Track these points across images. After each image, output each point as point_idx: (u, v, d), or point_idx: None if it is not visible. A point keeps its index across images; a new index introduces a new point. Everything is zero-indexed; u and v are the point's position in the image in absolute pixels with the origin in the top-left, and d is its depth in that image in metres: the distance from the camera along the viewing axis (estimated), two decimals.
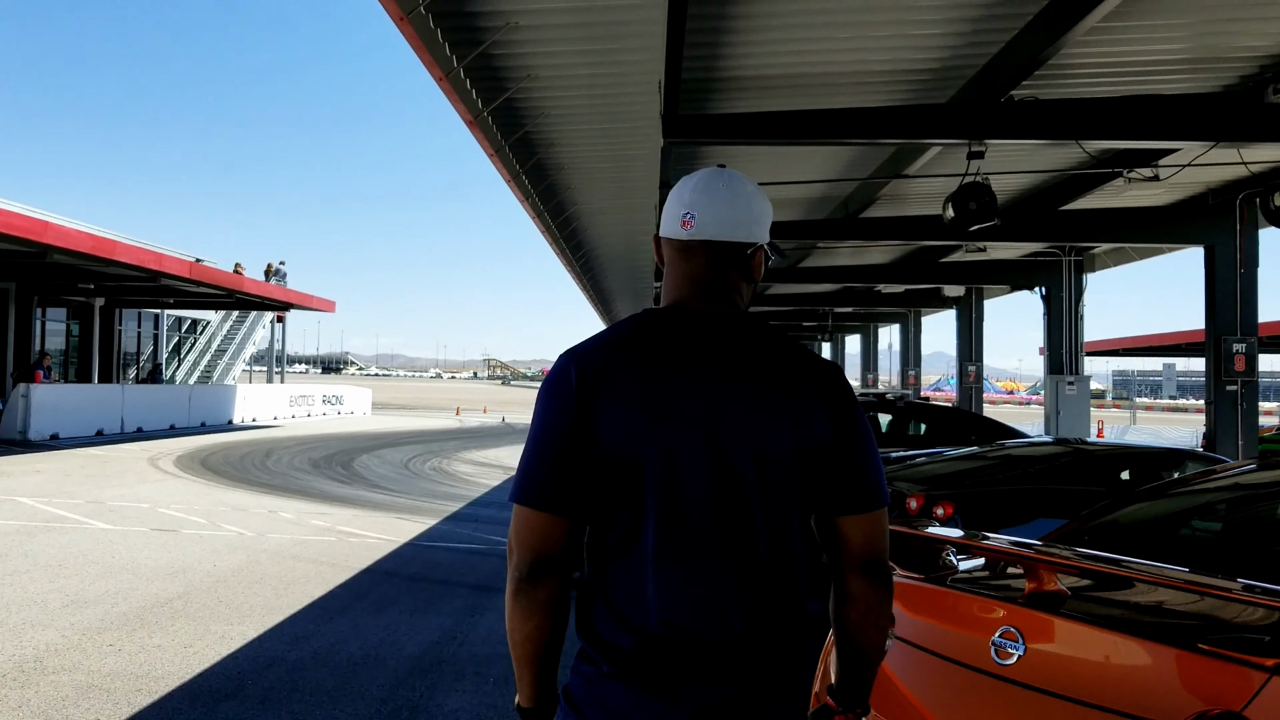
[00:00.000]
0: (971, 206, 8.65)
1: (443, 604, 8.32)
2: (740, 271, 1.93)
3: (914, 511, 7.09)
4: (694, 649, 1.73)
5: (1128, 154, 11.16)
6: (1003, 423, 14.44)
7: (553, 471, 1.78)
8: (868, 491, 1.82)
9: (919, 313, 29.52)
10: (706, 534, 1.75)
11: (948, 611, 2.91)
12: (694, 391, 1.78)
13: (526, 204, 13.44)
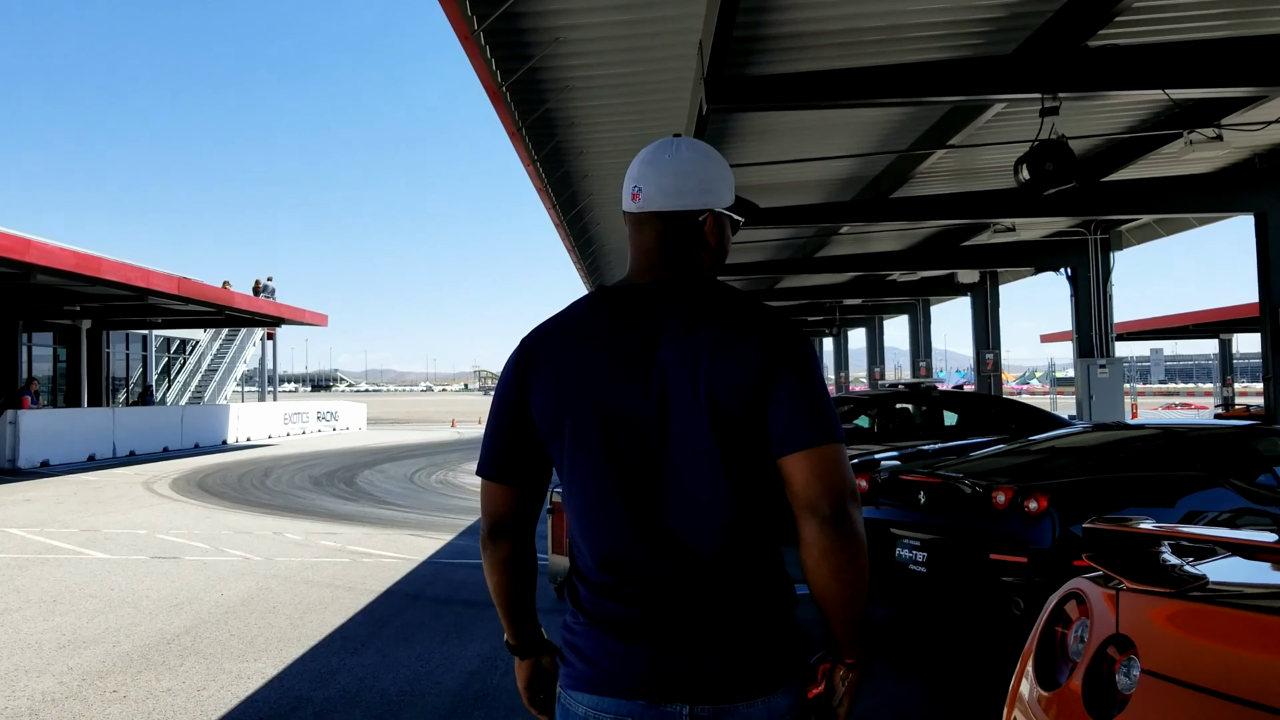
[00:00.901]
0: (1048, 167, 7.95)
1: (476, 628, 7.59)
2: (693, 240, 1.95)
3: (1002, 506, 6.39)
4: (635, 594, 1.82)
5: (1190, 113, 10.51)
6: (1044, 410, 13.76)
7: (498, 446, 1.95)
8: (803, 428, 1.77)
9: (928, 302, 28.90)
10: (624, 487, 1.82)
11: (1231, 637, 2.18)
12: (618, 354, 1.84)
13: (542, 192, 12.73)
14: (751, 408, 1.79)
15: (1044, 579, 6.14)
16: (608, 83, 9.81)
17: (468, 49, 8.27)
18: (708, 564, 1.81)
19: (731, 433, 1.79)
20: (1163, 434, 7.61)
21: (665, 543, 1.81)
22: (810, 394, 1.81)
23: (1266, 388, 12.68)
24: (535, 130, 10.54)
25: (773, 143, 11.72)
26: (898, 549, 7.00)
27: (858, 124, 11.29)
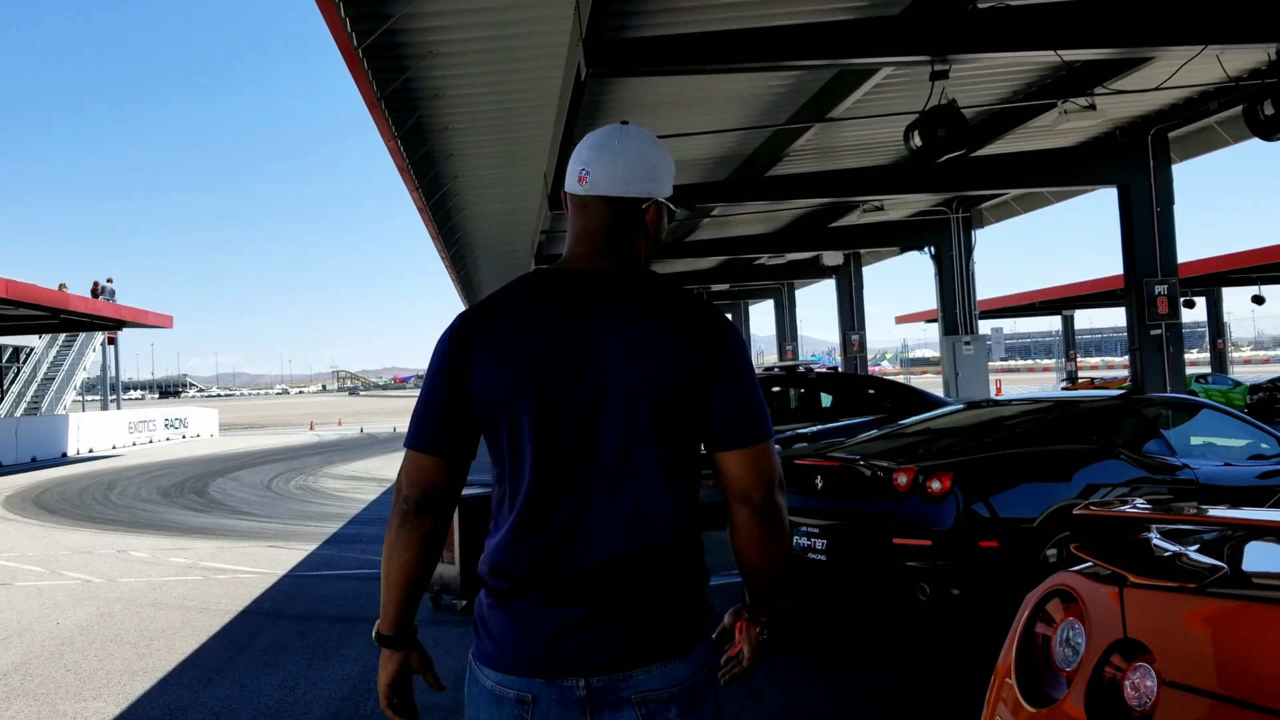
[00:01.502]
0: (940, 134, 7.74)
1: (344, 646, 6.96)
2: (635, 227, 1.99)
3: (904, 488, 6.12)
4: (550, 580, 1.86)
5: (1064, 83, 10.51)
6: (917, 388, 13.77)
7: (433, 418, 1.94)
8: (742, 428, 1.87)
9: (793, 286, 29.04)
10: (558, 473, 1.87)
11: (1272, 638, 1.82)
12: (557, 338, 1.87)
13: (404, 173, 11.99)
14: (689, 402, 1.86)
15: (949, 562, 5.90)
16: (475, 48, 9.20)
17: (325, 11, 7.57)
18: (642, 552, 1.86)
19: (667, 425, 1.86)
20: (1053, 407, 7.50)
21: (606, 530, 1.86)
22: (747, 393, 1.88)
23: (1133, 358, 12.94)
24: (396, 101, 9.81)
25: (649, 118, 11.28)
26: (795, 537, 6.67)
27: (736, 97, 10.95)
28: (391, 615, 1.97)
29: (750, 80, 10.33)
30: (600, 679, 1.84)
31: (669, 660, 1.86)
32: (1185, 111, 12.34)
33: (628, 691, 1.85)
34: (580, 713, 1.86)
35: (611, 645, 1.84)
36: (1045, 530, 6.03)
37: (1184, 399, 7.71)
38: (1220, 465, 6.96)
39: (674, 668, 1.87)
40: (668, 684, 1.86)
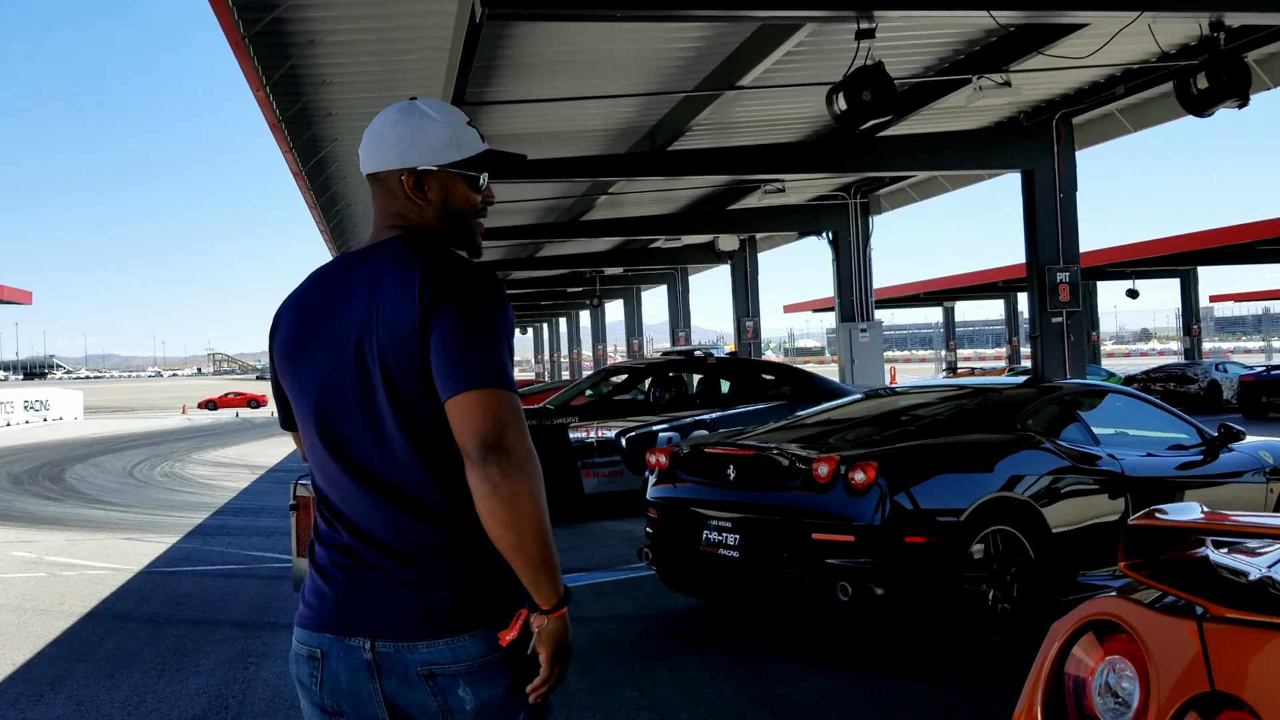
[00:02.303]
0: (865, 97, 7.28)
1: (201, 655, 6.22)
2: (401, 197, 2.02)
3: (825, 479, 5.66)
4: (332, 543, 1.94)
5: (981, 58, 10.21)
6: (816, 374, 13.48)
7: (280, 405, 2.10)
8: (454, 374, 1.82)
9: (687, 271, 28.69)
10: (323, 436, 1.95)
11: None
12: (329, 318, 1.96)
13: (278, 131, 11.04)
14: (416, 359, 1.85)
15: (873, 559, 5.45)
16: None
17: None
18: (410, 515, 1.88)
19: (404, 386, 1.87)
20: (973, 394, 7.15)
21: (370, 494, 1.90)
22: (464, 338, 1.83)
23: (1034, 346, 12.84)
24: (266, 44, 8.90)
25: (545, 79, 10.60)
26: (705, 531, 6.16)
27: (640, 60, 10.33)
28: None
29: (656, 41, 9.76)
30: (385, 644, 1.85)
31: (458, 635, 1.85)
32: (1091, 96, 12.25)
33: (414, 663, 1.84)
34: (369, 676, 1.87)
35: (400, 613, 1.85)
36: (973, 524, 5.63)
37: (1104, 386, 7.46)
38: (1144, 455, 6.70)
39: (463, 644, 1.85)
40: (454, 659, 1.85)
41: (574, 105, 11.17)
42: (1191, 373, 29.90)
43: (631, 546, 9.50)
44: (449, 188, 2.02)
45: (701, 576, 6.38)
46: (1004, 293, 45.01)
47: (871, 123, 7.42)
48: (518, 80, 10.72)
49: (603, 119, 12.64)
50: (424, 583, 1.85)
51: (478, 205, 2.07)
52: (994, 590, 5.70)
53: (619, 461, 11.42)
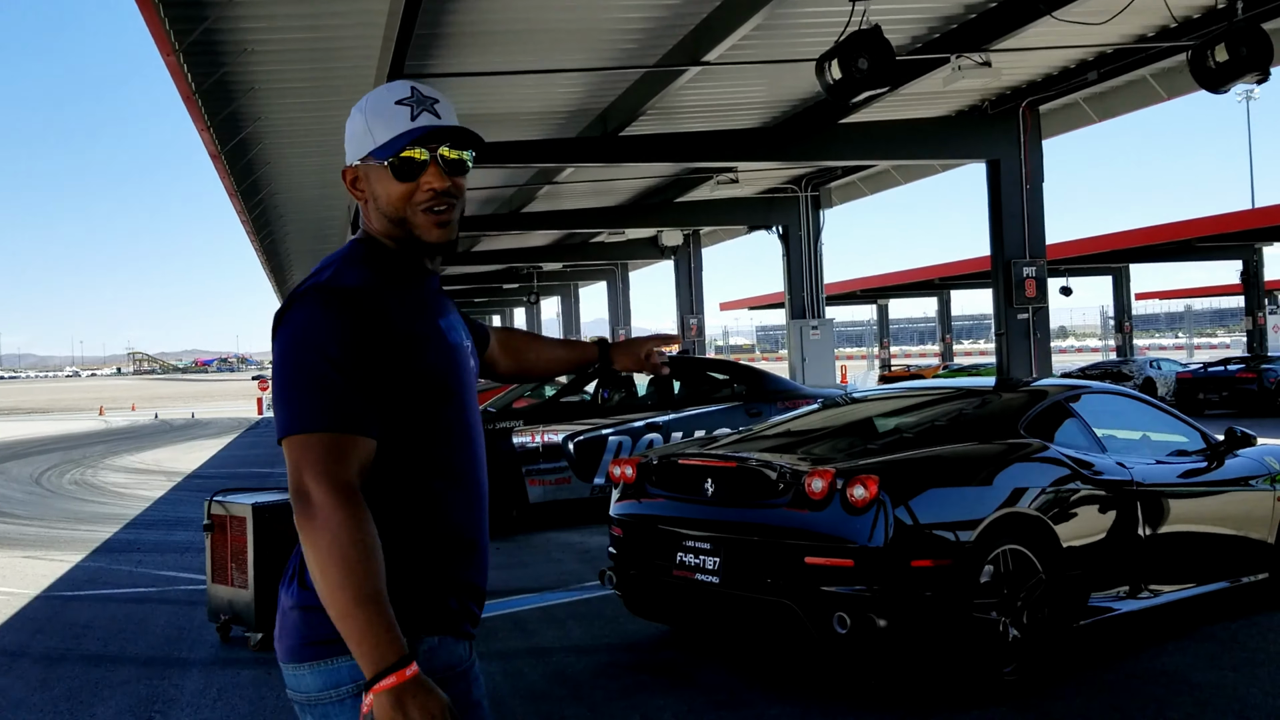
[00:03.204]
0: (861, 65, 6.61)
1: (100, 703, 5.38)
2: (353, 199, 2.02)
3: (820, 495, 5.00)
4: None
5: (960, 36, 9.62)
6: (769, 372, 12.86)
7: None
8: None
9: (627, 267, 28.00)
10: None
11: None
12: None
13: (192, 104, 10.01)
14: None
15: (875, 586, 4.81)
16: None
17: None
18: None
19: None
20: (970, 397, 6.55)
21: None
22: (275, 387, 1.83)
23: (999, 343, 12.37)
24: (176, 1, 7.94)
25: (491, 50, 9.74)
26: (679, 553, 5.46)
27: (595, 31, 9.56)
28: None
29: (613, 9, 9.00)
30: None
31: (297, 664, 1.84)
32: (1060, 82, 11.79)
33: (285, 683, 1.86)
34: None
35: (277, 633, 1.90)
36: (984, 544, 5.01)
37: (1104, 387, 6.90)
38: (1153, 462, 6.16)
39: (302, 674, 1.84)
40: (295, 687, 1.84)
41: (523, 84, 10.39)
42: (1127, 370, 29.98)
43: (584, 561, 8.80)
44: (371, 184, 1.93)
45: (675, 604, 5.69)
46: (939, 290, 45.04)
47: (866, 94, 6.79)
48: (465, 52, 9.85)
49: (553, 99, 11.85)
50: (282, 606, 1.88)
51: (411, 198, 1.88)
52: (1005, 617, 5.09)
53: (566, 468, 10.69)
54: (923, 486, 5.07)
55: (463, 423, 1.97)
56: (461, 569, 1.93)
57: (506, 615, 6.97)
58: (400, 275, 1.94)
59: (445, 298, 2.10)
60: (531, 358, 2.58)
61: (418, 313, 1.92)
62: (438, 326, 1.95)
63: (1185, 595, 6.06)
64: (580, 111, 12.41)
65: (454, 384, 1.94)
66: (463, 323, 2.14)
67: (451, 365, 1.95)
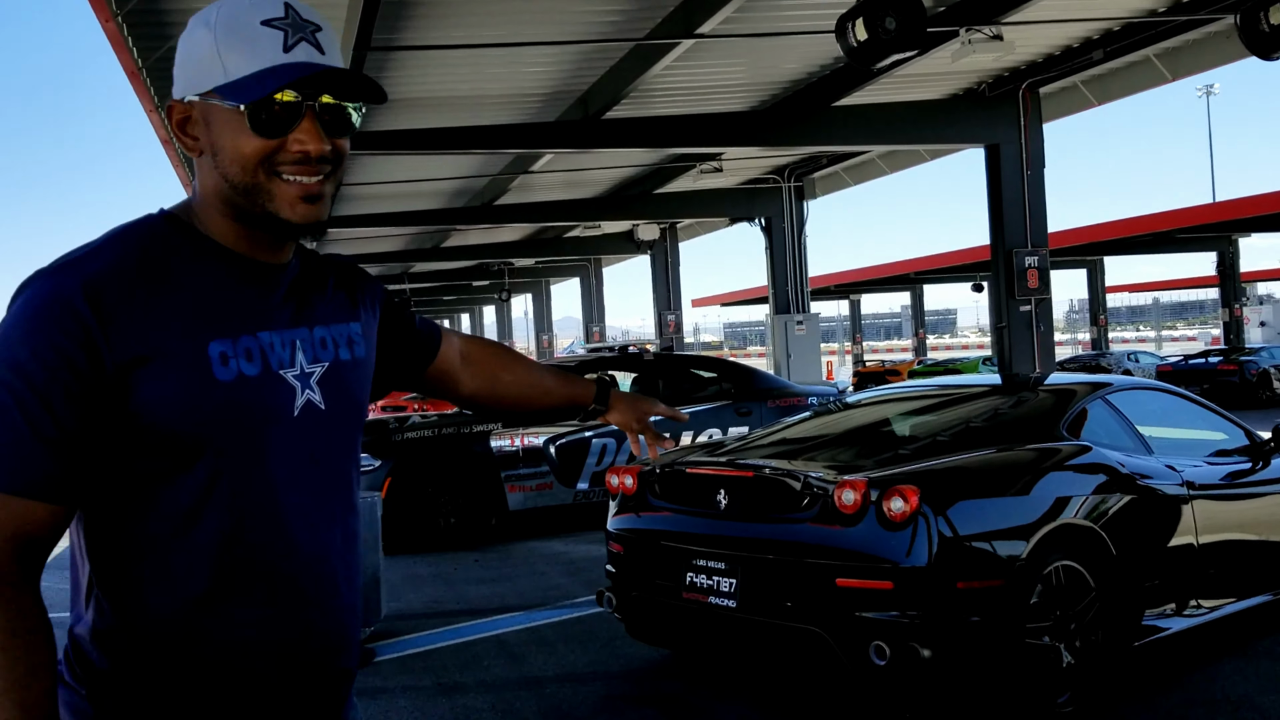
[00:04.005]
0: (889, 25, 6.03)
1: None
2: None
3: (852, 508, 4.43)
4: None
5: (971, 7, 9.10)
6: (755, 368, 12.33)
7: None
8: None
9: (600, 262, 27.38)
10: None
11: None
12: None
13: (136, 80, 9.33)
14: None
15: (918, 611, 4.23)
16: None
17: None
18: None
19: None
20: (990, 395, 6.01)
21: None
22: None
23: (999, 336, 11.86)
24: None
25: (455, 21, 9.06)
26: (689, 573, 4.86)
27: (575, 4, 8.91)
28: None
29: None
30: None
31: None
32: (1062, 63, 11.29)
33: None
34: None
35: None
36: (1036, 560, 4.46)
37: (1137, 381, 6.38)
38: (1200, 464, 5.63)
39: None
40: None
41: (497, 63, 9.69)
42: (1104, 363, 29.79)
43: (571, 574, 8.20)
44: (213, 131, 1.40)
45: (685, 630, 5.08)
46: (913, 284, 44.80)
47: (892, 58, 6.21)
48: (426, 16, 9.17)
49: (530, 80, 11.17)
50: None
51: (271, 158, 1.39)
52: (1058, 641, 4.55)
53: (548, 473, 10.08)
54: (967, 496, 4.51)
55: (256, 495, 1.43)
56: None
57: (492, 638, 6.37)
58: (200, 265, 1.43)
59: (321, 293, 1.56)
60: (508, 382, 2.02)
61: (202, 322, 1.40)
62: (235, 346, 1.42)
63: (1232, 610, 5.55)
64: (559, 94, 11.75)
65: (218, 436, 1.40)
66: (356, 329, 1.59)
67: (228, 407, 1.40)
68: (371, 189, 16.49)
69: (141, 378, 1.34)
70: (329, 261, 1.64)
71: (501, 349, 2.08)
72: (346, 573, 1.54)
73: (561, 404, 2.12)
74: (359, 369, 1.58)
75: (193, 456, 1.38)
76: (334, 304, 1.58)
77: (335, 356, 1.53)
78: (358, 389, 1.57)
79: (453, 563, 8.79)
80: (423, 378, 1.87)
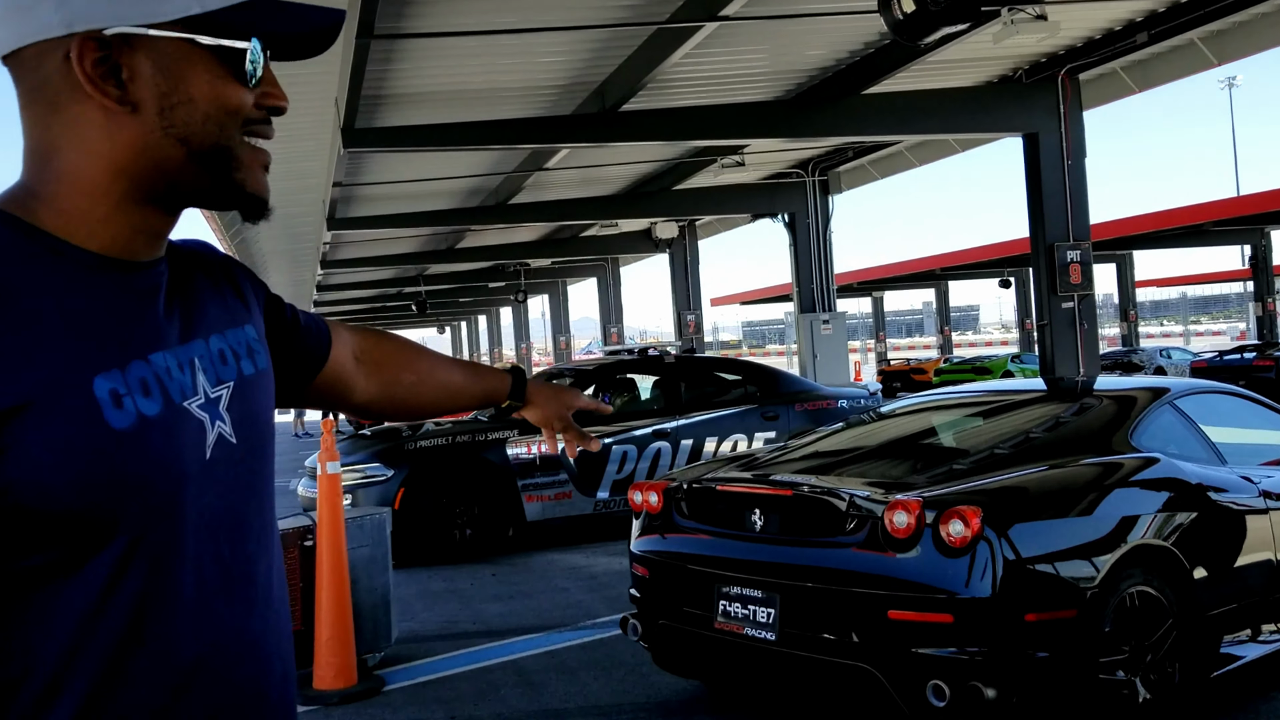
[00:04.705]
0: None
1: None
2: (69, 99, 1.06)
3: (905, 532, 3.98)
4: None
5: None
6: (782, 371, 11.88)
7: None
8: None
9: (618, 261, 26.97)
10: None
11: None
12: None
13: None
14: None
15: (984, 648, 3.78)
16: None
17: None
18: None
19: None
20: (1041, 401, 5.55)
21: None
22: None
23: (1041, 334, 11.37)
24: None
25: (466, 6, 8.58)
26: (723, 602, 4.42)
27: None
28: None
29: None
30: None
31: None
32: (1103, 47, 10.78)
33: None
34: None
35: None
36: (1109, 588, 4.00)
37: (1202, 384, 5.89)
38: (1276, 473, 5.16)
39: None
40: None
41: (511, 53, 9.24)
42: (1137, 359, 29.19)
43: (592, 590, 7.80)
44: (172, 75, 1.04)
45: (717, 662, 4.65)
46: (939, 281, 44.26)
47: (942, 32, 5.75)
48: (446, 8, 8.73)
49: (545, 71, 10.74)
50: None
51: (245, 111, 1.08)
52: (1133, 675, 4.09)
53: (566, 481, 9.68)
54: (1032, 517, 4.05)
55: (167, 579, 1.07)
56: None
57: (508, 663, 5.97)
58: (58, 275, 1.05)
59: (205, 292, 1.20)
60: (409, 384, 1.67)
61: (77, 350, 1.02)
62: (126, 378, 1.05)
63: None
64: (575, 85, 11.30)
65: (123, 507, 1.02)
66: (251, 333, 1.24)
67: (133, 464, 1.03)
68: (383, 189, 16.11)
69: (6, 444, 0.96)
70: (190, 248, 1.25)
71: (398, 342, 1.71)
72: (282, 664, 1.21)
73: (472, 403, 1.82)
74: (263, 384, 1.23)
75: (89, 544, 1.00)
76: (221, 304, 1.21)
77: (238, 372, 1.18)
78: (265, 411, 1.23)
79: (469, 577, 8.42)
80: (307, 390, 1.50)
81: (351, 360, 1.56)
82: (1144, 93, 12.58)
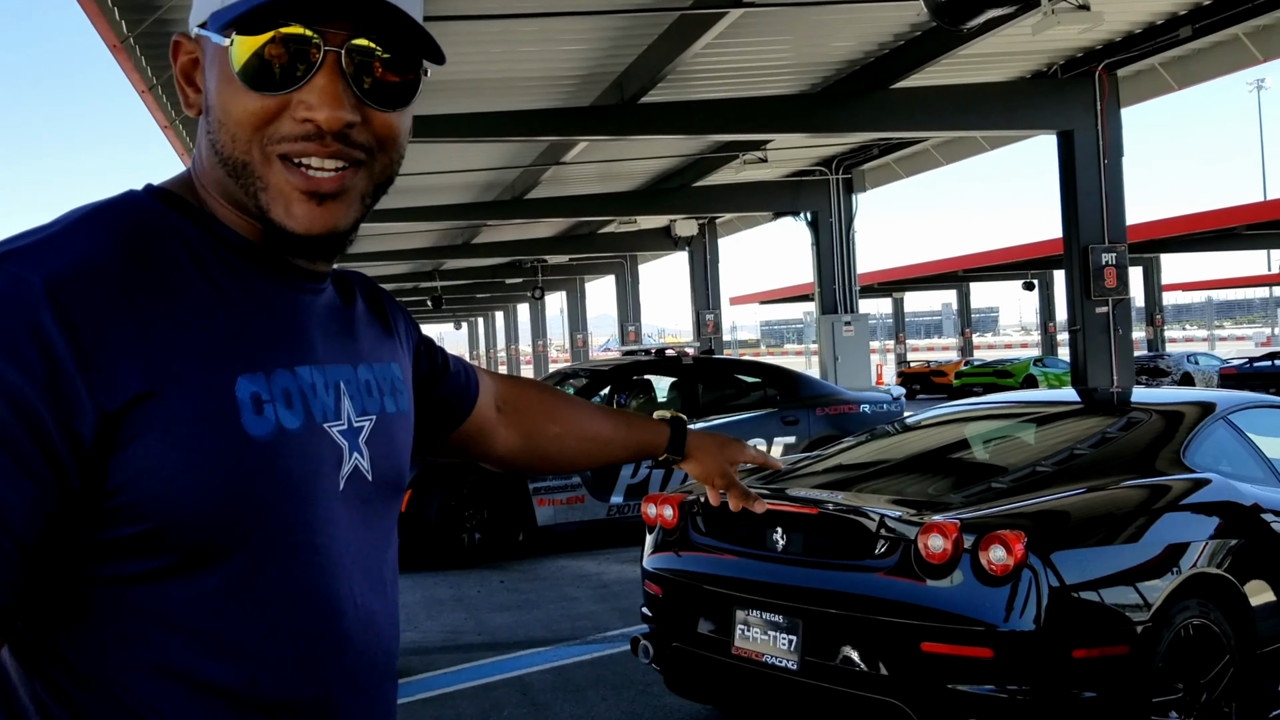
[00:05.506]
0: None
1: None
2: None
3: (941, 558, 3.67)
4: None
5: None
6: (802, 374, 11.57)
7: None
8: None
9: (636, 259, 26.69)
10: None
11: None
12: None
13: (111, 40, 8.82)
14: None
15: (1027, 686, 3.46)
16: None
17: None
18: None
19: None
20: (1083, 413, 5.21)
21: None
22: None
23: (1073, 340, 10.99)
24: None
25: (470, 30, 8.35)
26: (741, 626, 4.11)
27: None
28: None
29: None
30: None
31: None
32: (1143, 41, 10.38)
33: None
34: None
35: None
36: (1162, 621, 3.67)
37: (1252, 398, 5.53)
38: None
39: None
40: None
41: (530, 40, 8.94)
42: (1164, 365, 28.70)
43: (603, 599, 7.52)
44: (208, 78, 1.00)
45: (734, 690, 4.33)
46: (961, 282, 43.80)
47: (986, 15, 5.42)
48: None
49: (564, 60, 10.43)
50: None
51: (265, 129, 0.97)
52: (1187, 717, 3.76)
53: (579, 485, 9.40)
54: (1080, 543, 3.73)
55: (296, 613, 0.99)
56: None
57: (513, 680, 5.69)
58: (215, 263, 0.99)
59: (361, 320, 1.15)
60: (554, 435, 1.53)
61: (223, 346, 0.95)
62: (271, 385, 0.97)
63: None
64: (594, 75, 11.00)
65: (244, 524, 0.94)
66: (397, 373, 1.17)
67: (264, 478, 0.95)
68: (399, 182, 15.29)
69: (132, 434, 0.89)
70: (352, 277, 1.21)
71: (541, 389, 1.59)
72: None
73: (624, 456, 1.66)
74: (404, 425, 1.17)
75: (200, 560, 0.94)
76: (374, 337, 1.17)
77: (381, 408, 1.12)
78: (403, 455, 1.17)
79: (476, 584, 8.16)
80: (446, 441, 1.41)
81: (494, 410, 1.46)
82: (1179, 92, 12.23)
